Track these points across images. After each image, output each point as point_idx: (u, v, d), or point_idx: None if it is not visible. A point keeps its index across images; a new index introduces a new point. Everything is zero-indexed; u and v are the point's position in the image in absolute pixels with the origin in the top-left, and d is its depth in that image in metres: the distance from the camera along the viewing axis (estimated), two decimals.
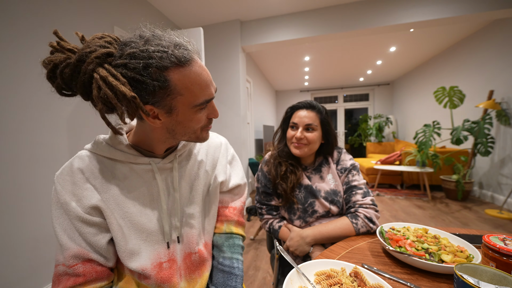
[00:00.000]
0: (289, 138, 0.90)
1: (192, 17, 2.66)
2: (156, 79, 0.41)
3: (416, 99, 4.95)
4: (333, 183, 0.89)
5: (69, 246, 0.45)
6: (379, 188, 3.91)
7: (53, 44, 0.42)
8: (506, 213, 2.48)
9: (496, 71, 2.87)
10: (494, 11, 2.20)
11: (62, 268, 0.45)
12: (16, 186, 1.23)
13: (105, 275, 0.49)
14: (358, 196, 0.82)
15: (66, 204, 0.46)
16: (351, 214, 0.80)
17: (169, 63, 0.41)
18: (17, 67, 1.23)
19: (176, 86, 0.43)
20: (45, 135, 1.37)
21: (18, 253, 1.22)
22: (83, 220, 0.47)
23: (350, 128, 7.02)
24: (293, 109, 0.91)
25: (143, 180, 0.53)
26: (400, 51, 4.03)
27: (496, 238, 0.49)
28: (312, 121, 0.85)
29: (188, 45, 0.45)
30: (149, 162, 0.53)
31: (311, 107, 0.88)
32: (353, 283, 0.48)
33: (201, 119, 0.50)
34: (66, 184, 0.47)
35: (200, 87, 0.46)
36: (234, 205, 0.70)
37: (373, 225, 0.76)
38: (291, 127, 0.90)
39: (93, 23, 1.67)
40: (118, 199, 0.50)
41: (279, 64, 4.57)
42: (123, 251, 0.50)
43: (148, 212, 0.53)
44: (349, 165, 0.89)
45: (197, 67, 0.45)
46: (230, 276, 0.59)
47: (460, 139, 2.89)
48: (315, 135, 0.86)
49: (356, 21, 2.48)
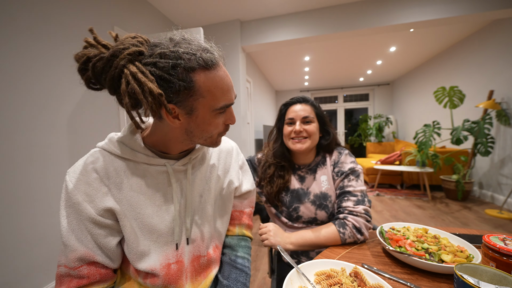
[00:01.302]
0: (286, 134, 0.86)
1: (192, 17, 2.66)
2: (182, 79, 0.43)
3: (416, 99, 4.95)
4: (325, 186, 0.84)
5: (76, 247, 0.45)
6: (379, 188, 3.91)
7: (89, 40, 0.44)
8: (506, 213, 2.48)
9: (496, 71, 2.87)
10: (494, 11, 2.20)
11: (64, 270, 0.45)
12: (16, 186, 1.23)
13: (108, 277, 0.49)
14: (350, 202, 0.75)
15: (78, 205, 0.45)
16: (339, 221, 0.73)
17: (197, 65, 0.43)
18: (16, 66, 1.23)
19: (200, 88, 0.44)
20: (45, 135, 1.37)
21: (18, 253, 1.22)
22: (95, 221, 0.46)
23: (350, 128, 7.02)
24: (287, 105, 0.89)
25: (156, 181, 0.53)
26: (400, 51, 4.03)
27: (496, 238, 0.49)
28: (308, 113, 0.84)
29: (215, 50, 0.47)
30: (164, 163, 0.53)
31: (305, 101, 0.87)
32: (353, 283, 0.48)
33: (219, 124, 0.51)
34: (79, 184, 0.46)
35: (222, 91, 0.47)
36: (245, 210, 0.72)
37: (361, 235, 0.70)
38: (287, 123, 0.87)
39: (93, 23, 1.67)
40: (131, 200, 0.50)
41: (279, 64, 4.57)
42: (134, 253, 0.49)
43: (160, 213, 0.53)
44: (347, 169, 0.81)
45: (221, 71, 0.47)
46: (242, 274, 0.61)
47: (460, 139, 2.89)
48: (314, 126, 0.83)
49: (356, 21, 2.48)
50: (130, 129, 0.52)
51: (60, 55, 1.44)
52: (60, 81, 1.45)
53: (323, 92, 6.76)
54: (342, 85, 6.46)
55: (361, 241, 0.71)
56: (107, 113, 1.79)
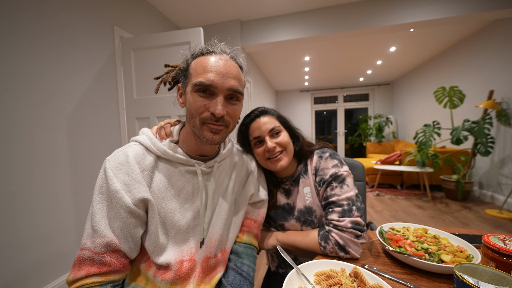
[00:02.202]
0: (260, 156, 0.73)
1: (192, 17, 2.66)
2: (186, 62, 0.56)
3: (416, 99, 4.95)
4: (308, 199, 0.75)
5: (105, 233, 0.46)
6: (379, 188, 3.91)
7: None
8: (506, 213, 2.48)
9: (496, 71, 2.87)
10: (494, 11, 2.20)
11: (89, 253, 0.46)
12: (16, 186, 1.23)
13: (125, 268, 0.51)
14: (334, 214, 0.66)
15: (116, 192, 0.47)
16: (323, 232, 0.66)
17: (198, 53, 0.55)
18: (16, 66, 1.23)
19: (191, 68, 0.54)
20: (45, 135, 1.37)
21: (18, 253, 1.22)
22: (130, 210, 0.48)
23: (350, 128, 7.02)
24: (247, 124, 0.75)
25: (183, 179, 0.56)
26: (400, 51, 4.03)
27: (496, 238, 0.49)
28: (273, 124, 0.72)
29: (223, 47, 0.56)
30: (193, 164, 0.56)
31: (263, 113, 0.75)
32: (352, 284, 0.48)
33: (196, 103, 0.51)
34: (119, 173, 0.49)
35: (203, 69, 0.51)
36: (255, 218, 0.72)
37: (345, 254, 0.61)
38: (254, 144, 0.74)
39: (93, 23, 1.67)
40: (159, 194, 0.52)
41: (279, 64, 4.57)
42: (154, 246, 0.51)
43: (183, 210, 0.55)
44: (329, 176, 0.70)
45: (214, 57, 0.53)
46: (246, 282, 0.61)
47: (460, 139, 2.89)
48: (284, 136, 0.73)
49: (356, 21, 2.48)
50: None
51: (60, 55, 1.44)
52: (60, 81, 1.45)
53: (323, 92, 6.76)
54: (342, 85, 6.46)
55: (345, 258, 0.62)
56: (107, 113, 1.79)
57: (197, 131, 0.54)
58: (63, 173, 1.47)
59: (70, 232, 1.50)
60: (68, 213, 1.50)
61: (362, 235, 0.62)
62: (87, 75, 1.63)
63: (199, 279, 0.56)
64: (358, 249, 0.62)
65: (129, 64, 1.84)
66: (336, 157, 0.74)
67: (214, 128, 0.53)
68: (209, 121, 0.52)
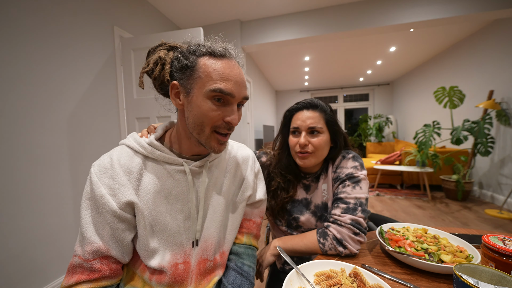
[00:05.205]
0: (292, 146, 0.76)
1: (192, 17, 2.66)
2: (187, 59, 0.50)
3: (416, 99, 4.95)
4: (325, 196, 0.77)
5: (92, 239, 0.46)
6: (379, 188, 3.91)
7: None
8: (506, 213, 2.48)
9: (496, 71, 2.87)
10: (494, 11, 2.20)
11: (78, 260, 0.46)
12: (16, 186, 1.23)
13: (117, 274, 0.50)
14: (337, 210, 0.67)
15: (102, 197, 0.47)
16: (322, 229, 0.67)
17: (204, 51, 0.50)
18: (17, 67, 1.23)
19: (200, 68, 0.49)
20: (46, 135, 1.37)
21: (18, 253, 1.22)
22: (116, 215, 0.47)
23: (350, 128, 7.02)
24: (292, 112, 0.77)
25: (173, 180, 0.54)
26: (400, 51, 4.03)
27: (496, 238, 0.49)
28: (316, 123, 0.72)
29: (232, 50, 0.52)
30: (181, 163, 0.54)
31: (313, 106, 0.75)
32: (352, 284, 0.48)
33: (211, 112, 0.49)
34: (104, 177, 0.48)
35: (220, 77, 0.48)
36: (254, 219, 0.70)
37: (343, 249, 0.61)
38: (292, 132, 0.76)
39: (93, 23, 1.67)
40: (147, 196, 0.51)
41: (279, 64, 4.57)
42: (145, 249, 0.50)
43: (173, 212, 0.54)
44: (344, 175, 0.71)
45: (228, 63, 0.49)
46: (246, 282, 0.61)
47: (460, 139, 2.89)
48: (321, 140, 0.72)
49: (356, 21, 2.48)
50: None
51: (60, 55, 1.44)
52: (60, 81, 1.45)
53: (323, 92, 6.76)
54: (342, 85, 6.46)
55: (346, 254, 0.62)
56: (107, 113, 1.79)
57: (203, 139, 0.52)
58: (63, 173, 1.47)
59: (70, 232, 1.50)
60: (68, 214, 1.50)
61: (360, 234, 0.63)
62: (87, 75, 1.63)
63: (197, 281, 0.55)
64: (356, 246, 0.62)
65: (129, 64, 1.84)
66: (358, 160, 0.75)
67: (222, 140, 0.53)
68: (221, 130, 0.52)
